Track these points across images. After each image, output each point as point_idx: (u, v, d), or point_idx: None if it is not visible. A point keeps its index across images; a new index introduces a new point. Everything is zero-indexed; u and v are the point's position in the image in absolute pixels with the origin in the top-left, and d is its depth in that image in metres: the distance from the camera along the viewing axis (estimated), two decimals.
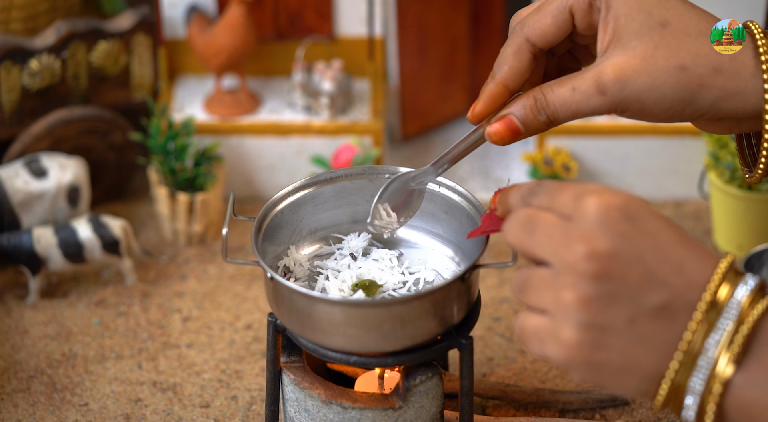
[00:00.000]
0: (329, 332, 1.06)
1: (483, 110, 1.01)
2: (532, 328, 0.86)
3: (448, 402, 1.26)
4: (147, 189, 1.70)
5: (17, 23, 1.70)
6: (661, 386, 0.83)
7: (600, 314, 0.82)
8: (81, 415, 1.32)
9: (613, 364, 0.83)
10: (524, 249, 0.88)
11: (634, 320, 0.82)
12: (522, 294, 0.88)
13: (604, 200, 0.83)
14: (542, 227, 0.86)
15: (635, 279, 0.82)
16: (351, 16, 1.68)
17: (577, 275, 0.83)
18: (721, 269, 0.82)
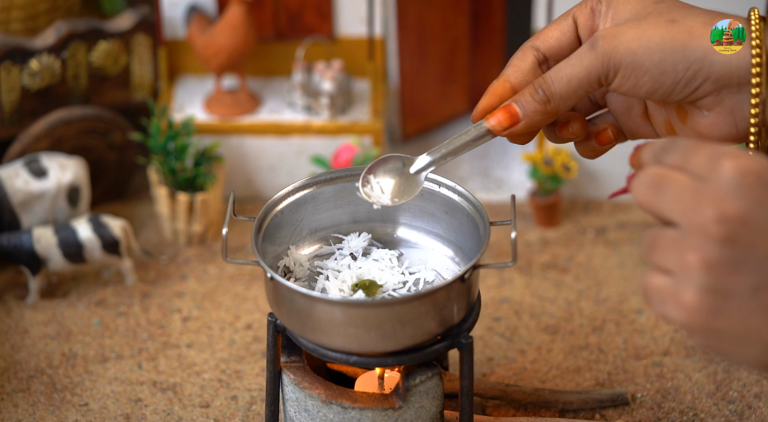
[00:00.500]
0: (329, 332, 1.06)
1: (486, 105, 1.02)
2: (655, 288, 0.83)
3: (448, 402, 1.26)
4: (147, 189, 1.70)
5: (17, 23, 1.70)
6: None
7: (724, 279, 0.80)
8: (81, 415, 1.32)
9: (733, 332, 0.80)
10: (652, 209, 0.84)
11: (758, 289, 0.79)
12: (649, 254, 0.85)
13: (741, 164, 0.80)
14: (673, 187, 0.83)
15: (765, 248, 0.78)
16: (351, 16, 1.68)
17: (704, 238, 0.80)
18: None
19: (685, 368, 1.37)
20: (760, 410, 1.31)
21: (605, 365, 1.38)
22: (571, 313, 1.46)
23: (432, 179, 1.17)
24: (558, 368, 1.38)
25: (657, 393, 1.34)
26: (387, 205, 1.09)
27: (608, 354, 1.40)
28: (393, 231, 1.21)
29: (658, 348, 1.40)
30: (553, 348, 1.41)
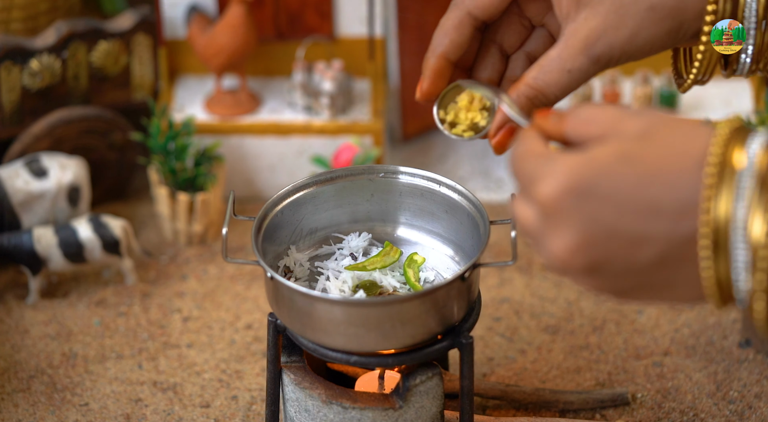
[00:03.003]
0: (329, 331, 1.06)
1: (430, 88, 0.99)
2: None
3: (449, 402, 1.26)
4: (147, 189, 1.70)
5: (18, 23, 1.70)
6: (704, 286, 0.78)
7: (618, 287, 0.81)
8: (81, 415, 1.32)
9: (653, 301, 0.82)
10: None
11: (643, 281, 0.80)
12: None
13: (548, 194, 0.80)
14: (522, 228, 0.85)
15: (620, 251, 0.79)
16: (351, 16, 1.68)
17: (574, 274, 0.82)
18: (721, 132, 0.77)
19: (685, 368, 1.37)
20: (760, 410, 1.31)
21: (605, 365, 1.38)
22: (571, 313, 1.46)
23: (432, 179, 1.17)
24: (558, 368, 1.38)
25: (657, 393, 1.34)
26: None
27: (608, 353, 1.40)
28: (393, 231, 1.21)
29: (659, 348, 1.40)
30: (553, 348, 1.41)
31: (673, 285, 0.80)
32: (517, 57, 1.03)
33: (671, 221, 0.77)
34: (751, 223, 0.75)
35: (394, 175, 1.18)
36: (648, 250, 0.78)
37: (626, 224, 0.78)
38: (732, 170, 0.76)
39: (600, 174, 0.79)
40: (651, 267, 0.79)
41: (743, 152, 0.76)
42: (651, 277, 0.80)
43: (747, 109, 1.66)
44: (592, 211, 0.79)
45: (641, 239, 0.78)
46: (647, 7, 0.93)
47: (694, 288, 0.79)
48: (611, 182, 0.78)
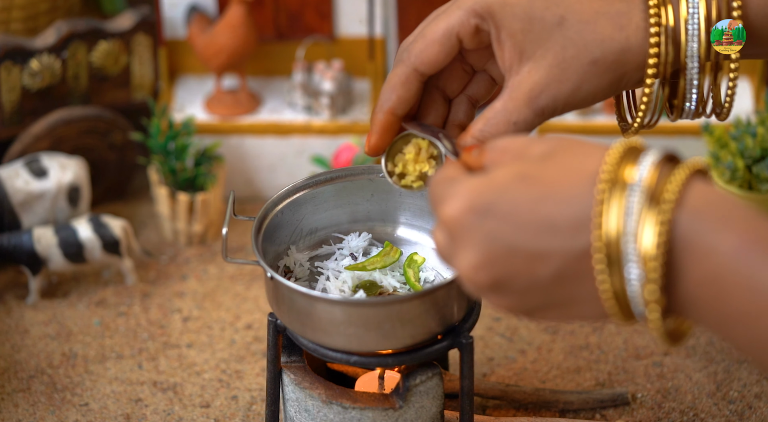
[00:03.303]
0: (329, 331, 1.06)
1: (378, 143, 1.01)
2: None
3: (449, 402, 1.26)
4: (147, 189, 1.70)
5: (17, 23, 1.70)
6: (603, 300, 0.80)
7: (524, 305, 0.83)
8: (81, 415, 1.32)
9: (562, 318, 0.84)
10: None
11: (548, 299, 0.81)
12: None
13: (450, 214, 0.82)
14: (437, 250, 0.87)
15: (520, 267, 0.80)
16: (351, 16, 1.68)
17: (482, 292, 0.84)
18: (614, 151, 0.79)
19: (685, 368, 1.37)
20: (760, 410, 1.31)
21: (605, 365, 1.38)
22: None
23: None
24: (558, 368, 1.38)
25: (657, 393, 1.34)
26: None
27: (608, 353, 1.40)
28: (393, 231, 1.21)
29: (659, 348, 1.40)
30: (553, 348, 1.41)
31: (577, 302, 0.81)
32: (460, 101, 1.04)
33: (566, 237, 0.79)
34: (640, 236, 0.76)
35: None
36: (547, 266, 0.80)
37: (524, 241, 0.80)
38: (623, 186, 0.77)
39: (498, 194, 0.81)
40: (552, 283, 0.80)
41: (634, 169, 0.78)
42: (554, 294, 0.81)
43: (747, 109, 1.66)
44: (491, 229, 0.81)
45: (539, 255, 0.80)
46: (589, 62, 0.94)
47: (597, 304, 0.80)
48: (509, 201, 0.80)
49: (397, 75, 0.98)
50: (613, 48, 0.94)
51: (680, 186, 0.77)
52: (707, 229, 0.75)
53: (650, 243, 0.76)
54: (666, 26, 0.94)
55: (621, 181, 0.78)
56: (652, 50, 0.94)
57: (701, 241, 0.75)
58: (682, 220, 0.76)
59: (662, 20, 0.94)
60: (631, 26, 0.94)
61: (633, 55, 0.94)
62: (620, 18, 0.94)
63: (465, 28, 0.96)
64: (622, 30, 0.94)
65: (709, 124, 1.52)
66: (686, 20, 0.94)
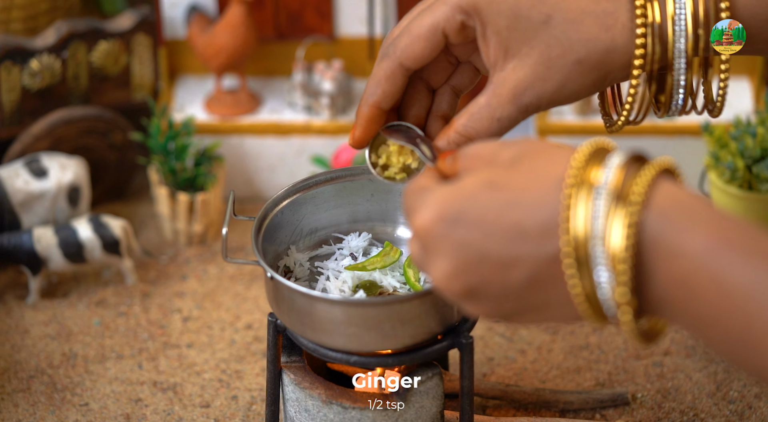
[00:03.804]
0: (329, 331, 1.06)
1: (362, 135, 1.02)
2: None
3: (449, 402, 1.26)
4: (147, 189, 1.70)
5: (17, 23, 1.70)
6: (575, 302, 0.80)
7: (500, 311, 0.84)
8: (81, 415, 1.32)
9: (538, 321, 0.84)
10: None
11: (522, 304, 0.82)
12: None
13: (421, 224, 0.83)
14: (413, 260, 0.87)
15: (492, 275, 0.81)
16: (351, 16, 1.68)
17: (456, 300, 0.84)
18: (580, 152, 0.79)
19: (685, 368, 1.37)
20: (760, 410, 1.31)
21: (605, 365, 1.38)
22: None
23: None
24: (558, 368, 1.38)
25: (657, 393, 1.34)
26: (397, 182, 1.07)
27: (608, 353, 1.40)
28: (393, 231, 1.21)
29: (659, 348, 1.40)
30: (553, 348, 1.41)
31: (551, 305, 0.81)
32: (443, 91, 1.04)
33: (536, 242, 0.79)
34: (608, 238, 0.77)
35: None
36: (518, 272, 0.80)
37: (494, 248, 0.80)
38: (589, 189, 0.78)
39: (467, 202, 0.82)
40: (525, 289, 0.81)
41: (600, 171, 0.78)
42: (528, 299, 0.81)
43: (747, 109, 1.66)
44: (462, 237, 0.81)
45: (510, 261, 0.80)
46: (574, 61, 0.94)
47: (570, 307, 0.81)
48: (478, 209, 0.81)
49: (383, 69, 0.99)
50: (599, 48, 0.94)
51: (646, 187, 0.77)
52: (675, 229, 0.76)
53: (619, 246, 0.76)
54: (653, 23, 0.94)
55: (587, 183, 0.78)
56: (639, 45, 0.94)
57: (669, 242, 0.76)
58: (649, 221, 0.76)
59: (648, 17, 0.94)
60: (617, 26, 0.94)
61: (618, 55, 0.94)
62: (606, 18, 0.94)
63: (450, 24, 0.96)
64: (608, 30, 0.94)
65: (709, 124, 1.52)
66: (673, 17, 0.94)
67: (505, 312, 0.83)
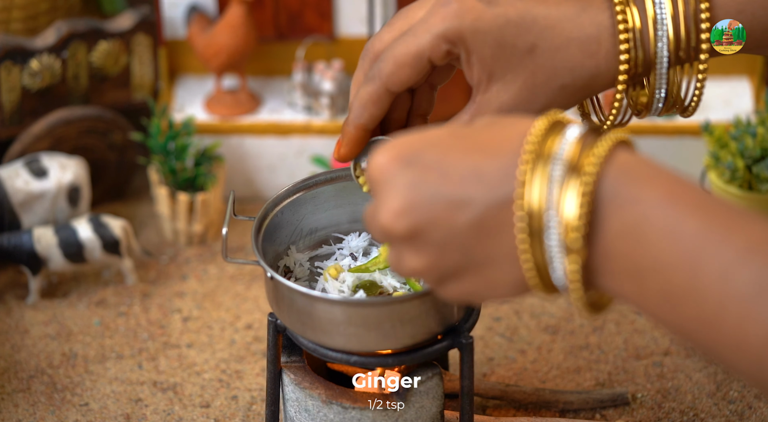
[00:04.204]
0: (329, 331, 1.06)
1: (348, 153, 1.04)
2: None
3: (449, 402, 1.26)
4: (147, 189, 1.70)
5: (17, 23, 1.70)
6: (525, 275, 0.80)
7: (442, 264, 0.83)
8: (81, 415, 1.32)
9: (479, 290, 0.84)
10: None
11: (466, 249, 0.81)
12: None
13: (380, 159, 0.83)
14: (366, 223, 0.87)
15: (441, 215, 0.81)
16: (351, 16, 1.68)
17: (399, 243, 0.83)
18: (539, 123, 0.80)
19: (685, 368, 1.37)
20: (760, 410, 1.31)
21: (605, 365, 1.38)
22: (571, 313, 1.46)
23: None
24: (558, 368, 1.38)
25: (657, 393, 1.34)
26: None
27: (608, 353, 1.40)
28: None
29: (659, 348, 1.40)
30: (553, 348, 1.41)
31: (495, 263, 0.81)
32: (422, 89, 1.05)
33: (491, 185, 0.79)
34: (562, 208, 0.77)
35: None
36: (467, 213, 0.80)
37: (447, 188, 0.80)
38: (546, 158, 0.78)
39: (427, 145, 0.83)
40: (470, 234, 0.80)
41: (558, 141, 0.79)
42: (472, 250, 0.81)
43: (747, 109, 1.66)
44: (416, 177, 0.82)
45: (461, 201, 0.80)
46: (559, 86, 0.95)
47: (515, 268, 0.80)
48: (437, 152, 0.82)
49: (369, 93, 1.00)
50: (583, 75, 0.95)
51: (602, 158, 0.77)
52: (631, 183, 0.77)
53: (572, 214, 0.77)
54: (634, 29, 0.95)
55: (544, 155, 0.79)
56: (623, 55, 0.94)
57: (626, 193, 0.76)
58: (605, 183, 0.77)
59: (629, 23, 0.94)
60: (601, 53, 0.95)
61: (602, 79, 0.96)
62: (590, 44, 0.95)
63: (436, 53, 0.96)
64: (593, 57, 0.95)
65: (709, 124, 1.53)
66: (654, 20, 0.95)
67: (445, 268, 0.83)
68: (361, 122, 1.01)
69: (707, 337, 0.74)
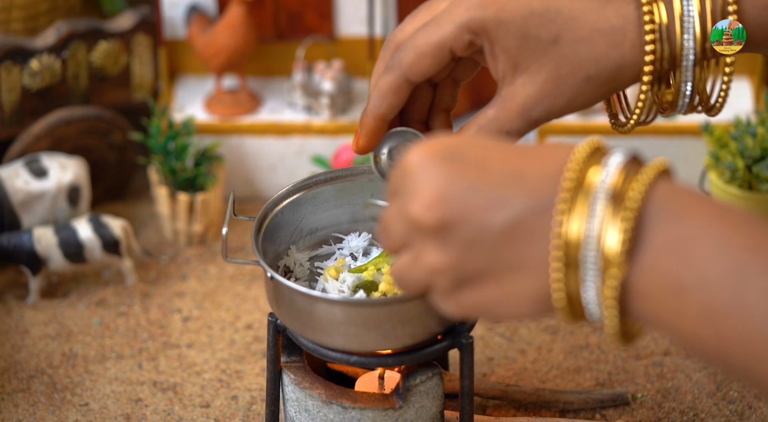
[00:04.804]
0: (329, 331, 1.06)
1: (366, 145, 1.02)
2: (434, 305, 0.85)
3: (449, 402, 1.26)
4: (147, 189, 1.70)
5: (17, 23, 1.70)
6: (554, 299, 0.78)
7: (465, 265, 0.80)
8: (81, 415, 1.32)
9: (496, 301, 0.80)
10: (391, 251, 0.86)
11: (493, 251, 0.78)
12: (385, 241, 0.86)
13: (417, 153, 0.81)
14: (388, 223, 0.84)
15: (475, 211, 0.78)
16: (351, 16, 1.68)
17: (425, 235, 0.80)
18: (580, 150, 0.77)
19: (685, 368, 1.37)
20: (760, 410, 1.31)
21: (605, 365, 1.38)
22: None
23: None
24: (558, 368, 1.38)
25: (657, 393, 1.34)
26: None
27: (608, 354, 1.40)
28: None
29: (659, 348, 1.40)
30: (553, 348, 1.41)
31: (521, 271, 0.78)
32: (445, 84, 1.05)
33: (531, 188, 0.77)
34: (603, 241, 0.75)
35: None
36: (502, 213, 0.77)
37: (487, 185, 0.78)
38: (588, 188, 0.76)
39: (470, 144, 0.81)
40: (502, 237, 0.78)
41: (599, 170, 0.77)
42: (500, 254, 0.78)
43: (747, 109, 1.66)
44: (454, 170, 0.79)
45: (498, 200, 0.78)
46: (584, 78, 0.95)
47: (541, 278, 0.78)
48: (479, 151, 0.80)
49: (388, 83, 0.99)
50: (608, 66, 0.94)
51: (645, 189, 0.75)
52: (676, 203, 0.75)
53: (614, 250, 0.75)
54: (660, 24, 0.94)
55: (586, 183, 0.77)
56: (648, 51, 0.94)
57: (670, 210, 0.75)
58: (649, 204, 0.75)
59: (656, 19, 0.94)
60: (626, 44, 0.94)
61: (627, 70, 0.95)
62: (615, 35, 0.94)
63: (458, 43, 0.96)
64: (618, 47, 0.94)
65: (709, 124, 1.52)
66: (681, 16, 0.94)
67: (466, 270, 0.80)
68: (379, 112, 1.00)
69: (749, 356, 0.72)
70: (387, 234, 0.85)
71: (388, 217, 0.84)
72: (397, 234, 0.83)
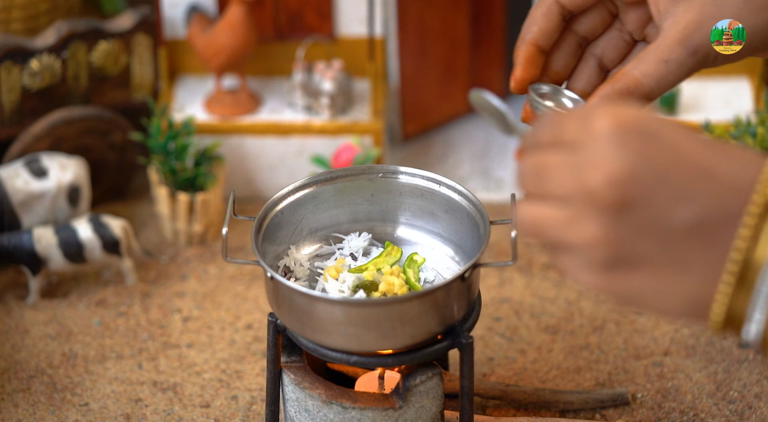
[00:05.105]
0: (329, 331, 1.06)
1: (523, 75, 0.99)
2: (559, 263, 0.79)
3: (449, 402, 1.26)
4: (147, 189, 1.70)
5: (18, 23, 1.70)
6: (713, 310, 0.74)
7: (629, 248, 0.75)
8: (81, 415, 1.32)
9: (648, 290, 0.77)
10: (543, 199, 0.80)
11: (666, 243, 0.74)
12: (534, 184, 0.80)
13: (614, 119, 0.76)
14: (552, 169, 0.78)
15: (660, 200, 0.74)
16: (351, 16, 1.68)
17: (598, 208, 0.75)
18: (767, 172, 0.73)
19: (685, 368, 1.37)
20: (760, 410, 1.31)
21: (605, 365, 1.38)
22: (571, 313, 1.46)
23: (432, 179, 1.18)
24: (558, 368, 1.38)
25: (657, 393, 1.34)
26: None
27: (608, 353, 1.40)
28: (393, 231, 1.21)
29: (659, 348, 1.40)
30: (553, 348, 1.41)
31: (686, 269, 0.75)
32: (611, 37, 1.03)
33: (721, 191, 0.73)
34: None
35: (394, 175, 1.18)
36: (687, 210, 0.73)
37: (678, 175, 0.74)
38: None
39: (666, 125, 0.76)
40: (680, 232, 0.74)
41: None
42: (672, 247, 0.74)
43: (747, 109, 1.66)
44: (649, 150, 0.74)
45: (686, 195, 0.73)
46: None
47: (701, 284, 0.74)
48: (676, 134, 0.75)
49: (539, 8, 0.98)
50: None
51: None
52: None
53: None
54: None
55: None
56: None
57: None
58: None
59: None
60: None
61: None
62: None
63: None
64: None
65: (710, 123, 1.53)
66: None
67: (628, 252, 0.75)
68: (531, 37, 0.98)
69: None
70: (541, 178, 0.79)
71: (552, 163, 0.78)
72: (556, 185, 0.78)
